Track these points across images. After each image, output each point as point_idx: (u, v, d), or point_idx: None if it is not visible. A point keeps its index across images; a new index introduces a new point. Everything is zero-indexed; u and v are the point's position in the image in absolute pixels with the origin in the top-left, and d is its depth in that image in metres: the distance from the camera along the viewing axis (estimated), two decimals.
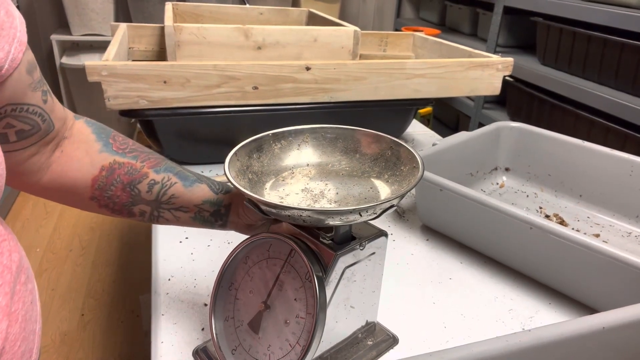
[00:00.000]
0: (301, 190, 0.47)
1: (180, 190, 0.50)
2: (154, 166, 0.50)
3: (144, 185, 0.49)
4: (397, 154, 0.49)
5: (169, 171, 0.50)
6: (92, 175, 0.48)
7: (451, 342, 0.55)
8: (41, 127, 0.43)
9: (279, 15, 1.25)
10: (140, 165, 0.49)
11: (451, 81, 0.94)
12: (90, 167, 0.48)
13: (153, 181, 0.49)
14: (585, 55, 1.55)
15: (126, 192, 0.49)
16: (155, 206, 0.50)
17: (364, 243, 0.46)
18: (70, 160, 0.47)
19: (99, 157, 0.48)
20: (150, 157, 0.51)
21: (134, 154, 0.50)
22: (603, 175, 0.81)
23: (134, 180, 0.49)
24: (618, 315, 0.43)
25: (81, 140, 0.49)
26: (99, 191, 0.48)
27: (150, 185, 0.49)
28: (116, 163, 0.48)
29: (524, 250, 0.63)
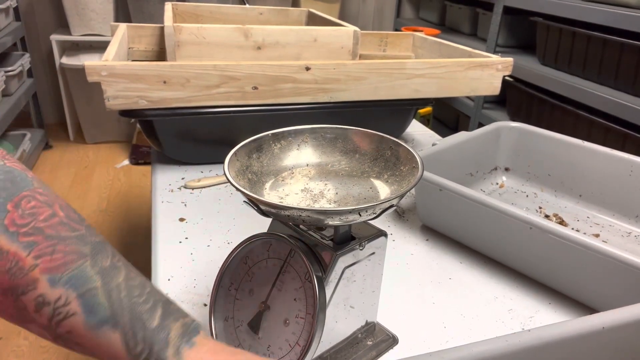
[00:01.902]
0: (301, 191, 0.47)
1: (78, 329, 0.31)
2: (52, 270, 0.30)
3: (29, 299, 0.30)
4: (396, 154, 0.49)
5: (72, 287, 0.31)
6: None
7: (451, 342, 0.55)
8: None
9: (278, 16, 1.25)
10: (30, 264, 0.30)
11: (451, 81, 0.94)
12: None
13: (42, 298, 0.30)
14: (585, 55, 1.55)
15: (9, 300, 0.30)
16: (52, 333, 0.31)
17: (363, 243, 0.46)
18: None
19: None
20: (55, 251, 0.31)
21: (31, 239, 0.30)
22: (603, 175, 0.81)
23: (16, 286, 0.30)
24: (618, 315, 0.43)
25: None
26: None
27: (39, 304, 0.30)
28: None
29: (524, 250, 0.63)
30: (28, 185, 0.32)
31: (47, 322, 0.31)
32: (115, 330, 0.31)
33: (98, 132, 2.61)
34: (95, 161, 2.45)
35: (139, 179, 2.30)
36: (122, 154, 2.52)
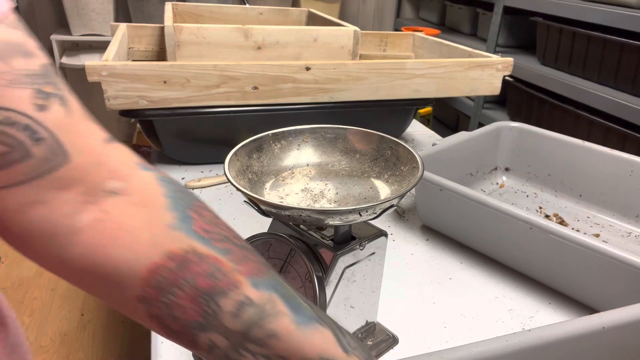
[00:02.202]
0: (301, 190, 0.47)
1: (287, 328, 0.30)
2: (252, 274, 0.31)
3: (230, 302, 0.29)
4: (396, 154, 0.49)
5: (274, 289, 0.31)
6: (151, 261, 0.29)
7: (451, 342, 0.55)
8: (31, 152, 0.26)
9: (278, 15, 1.25)
10: (231, 267, 0.30)
11: (451, 81, 0.94)
12: (149, 247, 0.29)
13: (247, 300, 0.30)
14: (585, 55, 1.55)
15: (197, 306, 0.29)
16: (237, 342, 0.30)
17: (363, 243, 0.46)
18: (118, 230, 0.29)
19: (168, 235, 0.29)
20: (248, 258, 0.31)
21: (225, 246, 0.30)
22: (603, 175, 0.81)
23: (215, 288, 0.29)
24: (618, 315, 0.43)
25: (143, 202, 0.30)
26: (155, 291, 0.29)
27: (241, 306, 0.30)
28: (194, 253, 0.29)
29: (524, 250, 0.63)
30: (193, 195, 0.33)
31: (241, 327, 0.30)
32: (324, 326, 0.32)
33: None
34: None
35: None
36: None
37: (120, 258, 0.29)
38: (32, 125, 0.26)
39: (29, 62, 0.27)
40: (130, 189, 0.30)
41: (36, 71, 0.27)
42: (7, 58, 0.25)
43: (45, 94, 0.26)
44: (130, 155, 0.31)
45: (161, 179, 0.32)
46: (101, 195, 0.29)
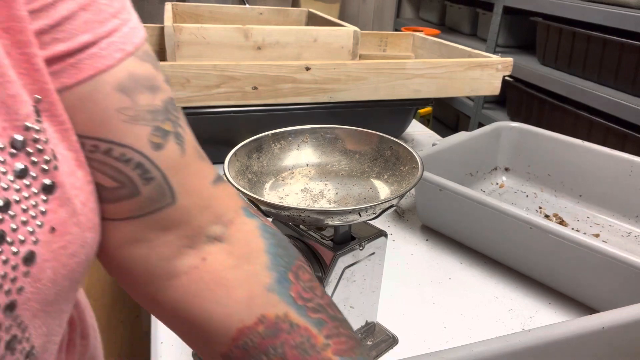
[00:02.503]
0: (301, 191, 0.47)
1: None
2: (343, 352, 0.29)
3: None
4: (396, 154, 0.49)
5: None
6: (242, 322, 0.28)
7: (451, 342, 0.55)
8: (140, 191, 0.26)
9: (278, 16, 1.25)
10: (322, 342, 0.28)
11: (451, 81, 0.94)
12: (243, 307, 0.28)
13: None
14: (585, 55, 1.55)
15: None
16: None
17: (363, 243, 0.46)
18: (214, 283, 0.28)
19: (264, 297, 0.28)
20: (340, 334, 0.29)
21: (319, 317, 0.29)
22: (603, 175, 0.81)
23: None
24: (618, 315, 0.43)
25: (243, 255, 0.29)
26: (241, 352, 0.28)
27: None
28: (287, 321, 0.28)
29: (524, 250, 0.63)
30: (295, 252, 0.32)
31: None
32: None
33: None
34: None
35: None
36: None
37: (213, 312, 0.28)
38: (145, 164, 0.26)
39: (154, 97, 0.26)
40: (231, 238, 0.30)
41: (158, 107, 0.26)
42: (132, 93, 0.25)
43: (163, 132, 0.26)
44: (236, 198, 0.31)
45: (264, 230, 0.31)
46: (202, 241, 0.29)
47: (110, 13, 0.25)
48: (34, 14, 0.22)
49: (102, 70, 0.24)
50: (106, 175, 0.25)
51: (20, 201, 0.21)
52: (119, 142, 0.25)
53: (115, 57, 0.25)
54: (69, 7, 0.23)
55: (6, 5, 0.21)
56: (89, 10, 0.24)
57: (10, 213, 0.21)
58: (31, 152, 0.22)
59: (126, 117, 0.25)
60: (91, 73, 0.24)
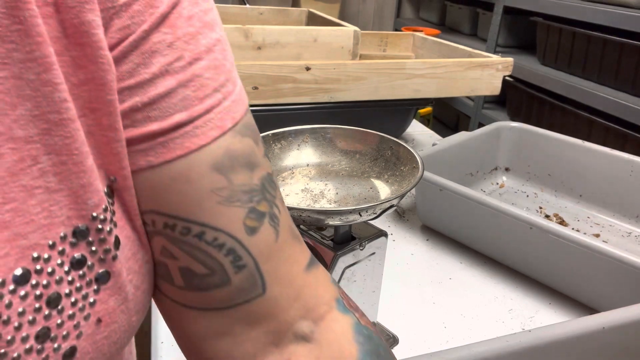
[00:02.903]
0: (301, 191, 0.47)
1: None
2: None
3: None
4: (397, 154, 0.49)
5: None
6: None
7: (451, 342, 0.55)
8: (231, 279, 0.24)
9: (278, 16, 1.25)
10: None
11: (451, 81, 0.94)
12: None
13: None
14: (585, 55, 1.55)
15: None
16: None
17: (363, 243, 0.46)
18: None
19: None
20: None
21: None
22: (603, 175, 0.81)
23: None
24: (618, 315, 0.43)
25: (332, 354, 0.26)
26: None
27: None
28: None
29: (524, 250, 0.63)
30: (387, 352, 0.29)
31: None
32: None
33: None
34: None
35: None
36: None
37: None
38: (238, 250, 0.23)
39: (251, 176, 0.24)
40: (321, 339, 0.26)
41: (255, 187, 0.24)
42: (228, 173, 0.23)
43: (258, 214, 0.24)
44: (330, 287, 0.28)
45: (358, 333, 0.28)
46: (288, 339, 0.26)
47: (213, 88, 0.23)
48: (128, 90, 0.21)
49: (194, 150, 0.22)
50: (197, 260, 0.23)
51: (71, 294, 0.20)
52: (212, 226, 0.23)
53: (211, 136, 0.22)
54: (167, 84, 0.22)
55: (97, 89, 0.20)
56: (189, 86, 0.22)
57: (58, 308, 0.20)
58: (92, 242, 0.21)
59: (221, 198, 0.23)
60: (180, 153, 0.22)
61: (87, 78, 0.20)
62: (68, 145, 0.20)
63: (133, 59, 0.21)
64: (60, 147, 0.20)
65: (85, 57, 0.20)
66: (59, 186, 0.20)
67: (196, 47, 0.23)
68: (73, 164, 0.20)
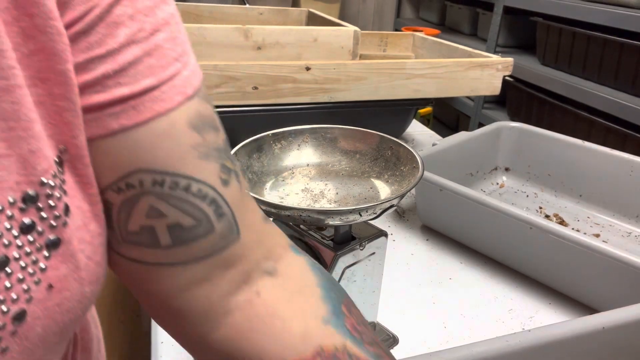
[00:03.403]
0: (301, 191, 0.48)
1: None
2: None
3: None
4: (397, 154, 0.49)
5: None
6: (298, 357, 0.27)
7: (451, 342, 0.55)
8: (214, 228, 0.26)
9: (278, 16, 1.25)
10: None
11: (451, 81, 0.94)
12: (300, 340, 0.27)
13: None
14: (585, 55, 1.55)
15: None
16: None
17: (364, 243, 0.46)
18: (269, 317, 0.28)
19: (321, 329, 0.28)
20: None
21: (375, 350, 0.29)
22: (603, 175, 0.81)
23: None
24: (618, 315, 0.43)
25: (297, 288, 0.29)
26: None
27: None
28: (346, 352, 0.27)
29: (524, 250, 0.63)
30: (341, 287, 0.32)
31: None
32: None
33: None
34: None
35: None
36: None
37: (268, 348, 0.27)
38: (218, 200, 0.26)
39: (217, 136, 0.27)
40: (283, 272, 0.29)
41: (221, 146, 0.27)
42: (201, 131, 0.26)
43: (227, 169, 0.27)
44: (283, 236, 0.31)
45: (312, 265, 0.31)
46: (257, 276, 0.28)
47: (173, 57, 0.25)
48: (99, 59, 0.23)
49: (162, 113, 0.24)
50: (186, 213, 0.24)
51: (20, 258, 0.21)
52: (197, 178, 0.25)
53: (177, 100, 0.25)
54: (134, 52, 0.23)
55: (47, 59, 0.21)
56: (153, 55, 0.24)
57: (7, 270, 0.20)
58: (42, 208, 0.21)
59: (199, 153, 0.25)
60: (149, 115, 0.24)
61: (38, 48, 0.21)
62: (16, 111, 0.20)
63: (100, 30, 0.23)
64: (8, 112, 0.20)
65: (35, 28, 0.21)
66: (7, 152, 0.20)
67: (155, 19, 0.24)
68: (21, 129, 0.20)
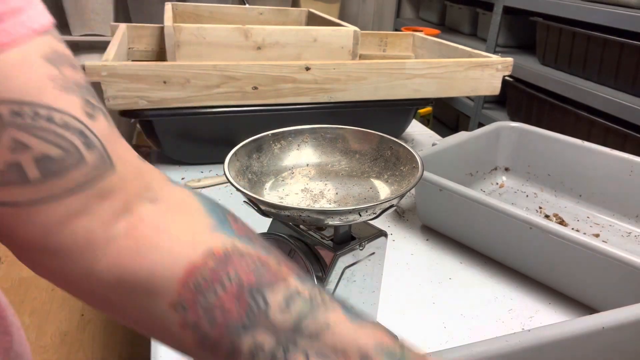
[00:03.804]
0: (301, 191, 0.47)
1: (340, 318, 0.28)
2: (295, 273, 0.30)
3: (278, 295, 0.28)
4: (396, 154, 0.49)
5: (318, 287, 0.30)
6: (189, 262, 0.27)
7: (451, 342, 0.55)
8: (85, 158, 0.25)
9: (278, 16, 1.25)
10: (275, 264, 0.29)
11: (451, 81, 0.94)
12: (189, 247, 0.28)
13: (296, 291, 0.28)
14: (585, 55, 1.55)
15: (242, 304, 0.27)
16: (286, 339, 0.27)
17: (363, 243, 0.46)
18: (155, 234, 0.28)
19: (209, 234, 0.29)
20: (287, 262, 0.31)
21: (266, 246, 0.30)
22: (603, 175, 0.81)
23: (262, 283, 0.28)
24: (618, 315, 0.43)
25: (181, 209, 0.30)
26: (193, 294, 0.27)
27: (289, 299, 0.28)
28: (236, 250, 0.28)
29: (524, 250, 0.63)
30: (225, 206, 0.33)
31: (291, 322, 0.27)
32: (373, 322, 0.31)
33: None
34: None
35: None
36: None
37: (157, 261, 0.27)
38: (85, 131, 0.25)
39: (77, 74, 0.26)
40: (165, 199, 0.30)
41: (83, 84, 0.27)
42: (58, 65, 0.25)
43: (92, 105, 0.26)
44: (161, 173, 0.32)
45: (193, 192, 0.32)
46: (138, 204, 0.28)
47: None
48: None
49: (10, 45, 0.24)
50: (51, 143, 0.24)
51: None
52: (58, 109, 0.24)
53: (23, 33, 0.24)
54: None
55: None
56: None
57: None
58: None
59: (58, 85, 0.25)
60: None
61: None
62: None
63: None
64: None
65: None
66: None
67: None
68: None
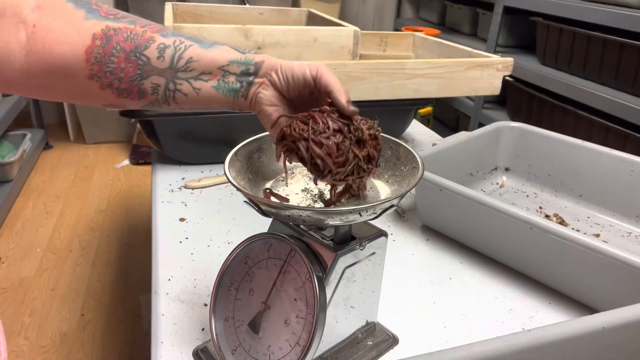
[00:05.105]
0: (301, 190, 0.48)
1: (198, 51, 0.43)
2: (158, 31, 0.42)
3: (152, 50, 0.41)
4: (397, 154, 0.49)
5: (178, 35, 0.43)
6: (84, 46, 0.39)
7: (451, 342, 0.55)
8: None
9: (278, 16, 1.25)
10: (141, 30, 0.41)
11: (451, 81, 0.94)
12: (78, 37, 0.39)
13: (163, 45, 0.42)
14: (585, 55, 1.55)
15: (132, 62, 0.41)
16: (171, 76, 0.42)
17: (364, 243, 0.46)
18: (51, 33, 0.39)
19: (87, 24, 0.40)
20: (151, 23, 0.43)
21: (129, 19, 0.42)
22: (603, 175, 0.81)
23: (138, 46, 0.41)
24: (618, 315, 0.43)
25: (57, 10, 0.40)
26: (98, 65, 0.40)
27: (161, 50, 0.41)
28: (110, 29, 0.40)
29: (524, 250, 0.63)
30: None
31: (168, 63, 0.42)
32: (221, 45, 0.44)
33: (98, 132, 2.61)
34: (96, 161, 2.45)
35: (139, 179, 2.30)
36: (122, 154, 2.52)
37: (64, 52, 0.39)
38: None
39: None
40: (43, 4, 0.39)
41: None
42: None
43: None
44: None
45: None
46: (27, 14, 0.39)
47: None
48: None
49: None
50: None
51: None
52: None
53: None
54: None
55: None
56: None
57: None
58: None
59: None
60: None
61: None
62: None
63: None
64: None
65: None
66: None
67: None
68: None
